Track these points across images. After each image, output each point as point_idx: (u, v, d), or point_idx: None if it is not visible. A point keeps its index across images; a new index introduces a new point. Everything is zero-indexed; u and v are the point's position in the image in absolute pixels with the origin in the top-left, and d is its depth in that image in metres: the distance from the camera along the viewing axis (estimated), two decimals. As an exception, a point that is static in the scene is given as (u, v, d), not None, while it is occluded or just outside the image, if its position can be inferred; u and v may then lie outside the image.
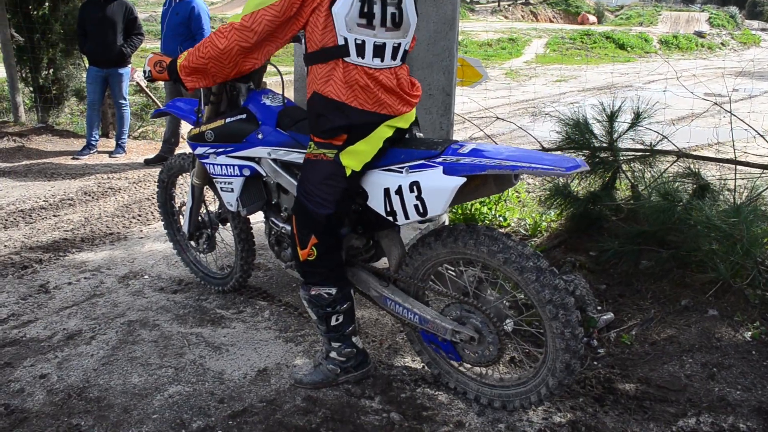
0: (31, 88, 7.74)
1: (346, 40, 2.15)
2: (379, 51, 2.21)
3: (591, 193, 3.79)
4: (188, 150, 3.11)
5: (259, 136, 2.67)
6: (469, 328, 2.33)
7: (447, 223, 3.93)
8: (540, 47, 23.82)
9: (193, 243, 3.46)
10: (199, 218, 3.34)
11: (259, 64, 2.32)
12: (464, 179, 2.11)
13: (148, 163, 6.31)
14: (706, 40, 28.24)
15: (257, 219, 3.33)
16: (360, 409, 2.44)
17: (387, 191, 2.28)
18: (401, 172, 2.25)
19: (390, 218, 2.31)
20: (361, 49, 2.17)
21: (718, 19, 33.34)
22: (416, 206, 2.22)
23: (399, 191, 2.24)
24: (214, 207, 3.45)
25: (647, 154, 3.71)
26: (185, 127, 7.13)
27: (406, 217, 2.26)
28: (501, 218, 4.43)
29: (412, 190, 2.21)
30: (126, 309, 3.25)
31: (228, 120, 2.75)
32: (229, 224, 3.30)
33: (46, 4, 7.36)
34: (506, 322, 2.31)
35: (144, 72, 2.69)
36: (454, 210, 4.35)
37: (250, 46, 2.22)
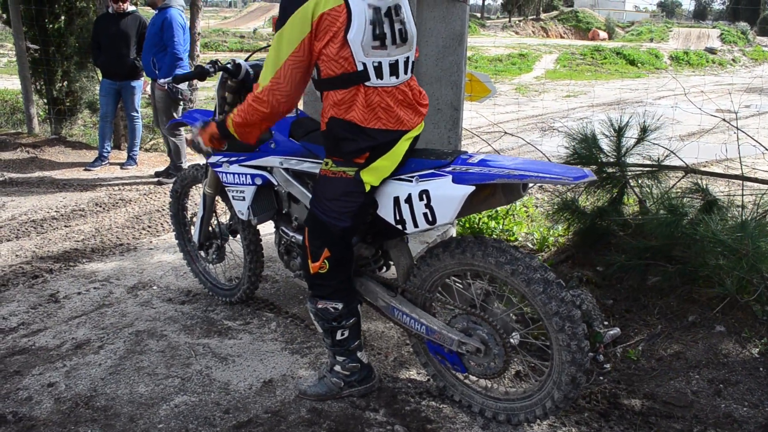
0: (45, 100, 7.85)
1: (364, 65, 2.18)
2: (394, 69, 2.26)
3: (598, 208, 3.79)
4: (197, 161, 3.14)
5: (272, 146, 2.70)
6: (475, 339, 2.33)
7: (454, 236, 3.94)
8: (550, 63, 23.91)
9: (202, 253, 3.49)
10: (210, 228, 3.37)
11: (297, 103, 2.38)
12: (473, 188, 2.13)
13: (159, 175, 6.37)
14: (717, 56, 28.27)
15: (267, 231, 3.36)
16: (365, 422, 2.44)
17: (397, 200, 2.30)
18: (411, 181, 2.28)
19: (399, 227, 2.33)
20: (379, 71, 2.21)
21: (730, 35, 33.36)
22: (425, 214, 2.24)
23: (409, 200, 2.27)
24: (225, 218, 3.47)
25: (655, 169, 3.71)
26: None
27: (415, 225, 2.28)
28: (508, 232, 4.43)
29: (421, 199, 2.23)
30: (134, 319, 3.28)
31: None
32: (238, 236, 3.32)
33: (62, 17, 7.48)
34: (513, 334, 2.32)
35: (202, 151, 2.67)
36: (461, 223, 4.36)
37: (290, 92, 2.25)
